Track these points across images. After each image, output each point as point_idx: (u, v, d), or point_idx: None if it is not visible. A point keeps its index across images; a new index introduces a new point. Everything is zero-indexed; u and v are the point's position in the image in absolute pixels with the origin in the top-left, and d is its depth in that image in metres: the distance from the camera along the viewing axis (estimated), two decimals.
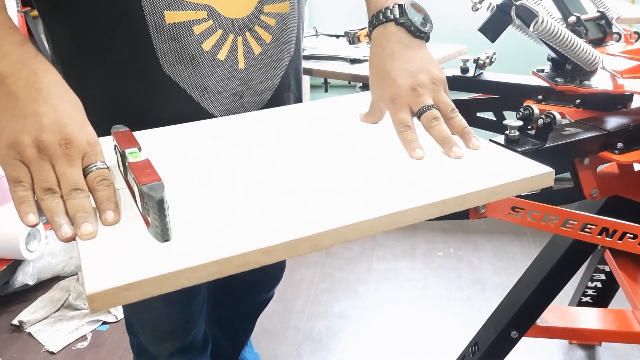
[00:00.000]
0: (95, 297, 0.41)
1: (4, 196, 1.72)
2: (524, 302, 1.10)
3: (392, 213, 0.50)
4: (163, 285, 0.43)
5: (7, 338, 1.69)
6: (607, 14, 1.04)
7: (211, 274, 0.44)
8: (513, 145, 0.79)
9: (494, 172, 0.57)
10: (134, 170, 0.51)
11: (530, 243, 2.10)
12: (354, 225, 0.49)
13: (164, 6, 0.68)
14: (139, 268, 0.43)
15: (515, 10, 0.83)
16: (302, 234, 0.47)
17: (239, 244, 0.45)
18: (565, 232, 0.86)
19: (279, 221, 0.49)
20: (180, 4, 0.69)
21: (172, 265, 0.43)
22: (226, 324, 1.33)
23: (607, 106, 0.96)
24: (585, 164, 0.89)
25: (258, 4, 0.74)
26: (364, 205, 0.51)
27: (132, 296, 0.42)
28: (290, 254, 0.47)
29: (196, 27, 0.70)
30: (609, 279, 1.46)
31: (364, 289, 1.90)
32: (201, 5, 0.70)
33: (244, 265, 0.45)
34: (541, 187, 0.58)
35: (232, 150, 0.65)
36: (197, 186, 0.56)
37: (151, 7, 0.67)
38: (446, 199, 0.53)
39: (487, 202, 0.56)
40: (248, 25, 0.74)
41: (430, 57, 0.70)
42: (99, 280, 0.42)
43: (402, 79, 0.66)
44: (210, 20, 0.71)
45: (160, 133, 0.71)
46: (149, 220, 0.48)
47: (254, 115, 0.77)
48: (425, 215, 0.52)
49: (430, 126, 0.63)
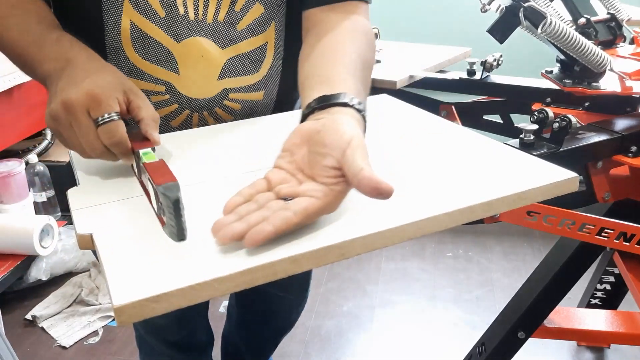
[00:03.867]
0: (123, 309, 0.39)
1: (19, 193, 1.75)
2: (532, 303, 1.10)
3: (419, 220, 0.49)
4: (191, 297, 0.42)
5: (20, 332, 1.71)
6: (617, 16, 1.04)
7: (239, 285, 0.43)
8: (528, 149, 0.78)
9: (519, 178, 0.56)
10: (149, 170, 0.51)
11: (540, 245, 2.09)
12: (382, 233, 0.48)
13: (126, 73, 0.69)
14: (167, 279, 0.42)
15: (524, 12, 0.83)
16: (330, 242, 0.46)
17: (267, 254, 0.44)
18: (582, 237, 0.85)
19: (307, 230, 0.48)
20: (141, 74, 0.70)
21: (200, 276, 0.42)
22: (250, 342, 1.35)
23: (616, 109, 0.96)
24: (598, 167, 0.89)
25: (223, 90, 0.74)
26: (391, 213, 0.50)
27: (160, 308, 0.41)
28: (318, 262, 0.46)
29: (153, 97, 0.72)
30: (618, 281, 1.45)
31: (373, 289, 1.90)
32: (161, 80, 0.71)
33: (272, 275, 0.44)
34: (565, 192, 0.57)
35: (252, 157, 0.64)
36: (220, 195, 0.55)
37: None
38: (473, 205, 0.52)
39: (513, 208, 0.55)
40: (207, 106, 0.74)
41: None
42: (126, 292, 0.40)
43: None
44: (168, 95, 0.72)
45: (169, 139, 0.71)
46: (164, 219, 0.48)
47: (271, 120, 0.77)
48: (452, 222, 0.51)
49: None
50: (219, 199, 0.54)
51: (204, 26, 0.71)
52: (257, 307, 1.25)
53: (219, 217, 0.49)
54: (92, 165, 0.63)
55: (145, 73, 0.70)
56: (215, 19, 0.71)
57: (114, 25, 0.68)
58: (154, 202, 0.51)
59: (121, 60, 0.69)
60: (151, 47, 0.69)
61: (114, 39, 0.68)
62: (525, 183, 0.55)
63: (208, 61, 0.72)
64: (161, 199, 0.47)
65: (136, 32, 0.68)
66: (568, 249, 1.07)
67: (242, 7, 0.71)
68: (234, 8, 0.71)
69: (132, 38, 0.68)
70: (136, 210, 0.53)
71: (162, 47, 0.70)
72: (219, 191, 0.56)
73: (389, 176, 0.58)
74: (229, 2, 0.70)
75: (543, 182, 0.56)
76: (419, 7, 2.22)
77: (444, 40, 1.29)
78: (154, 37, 0.69)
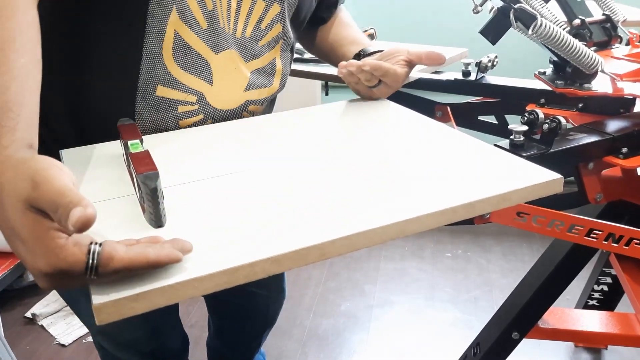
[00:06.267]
0: (102, 308, 0.40)
1: None
2: (526, 303, 1.10)
3: (400, 221, 0.50)
4: (171, 296, 0.42)
5: (20, 330, 1.73)
6: (612, 17, 1.03)
7: (219, 284, 0.43)
8: (518, 150, 0.78)
9: (503, 179, 0.56)
10: (133, 160, 0.53)
11: (539, 246, 2.09)
12: (363, 234, 0.48)
13: (160, 80, 0.69)
14: (147, 278, 0.42)
15: (514, 13, 0.83)
16: (310, 243, 0.46)
17: (247, 254, 0.45)
18: (571, 238, 0.85)
19: (287, 230, 0.49)
20: (175, 83, 0.71)
21: (180, 276, 0.42)
22: (232, 345, 1.35)
23: (610, 110, 0.96)
24: (590, 168, 0.88)
25: (246, 102, 0.78)
26: (372, 214, 0.50)
27: (139, 307, 0.41)
28: (298, 263, 0.46)
29: (181, 106, 0.72)
30: (616, 283, 1.45)
31: (371, 289, 1.90)
32: (194, 90, 0.72)
33: (252, 275, 0.45)
34: (550, 193, 0.57)
35: (239, 157, 0.65)
36: (203, 195, 0.56)
37: (148, 76, 0.69)
38: (455, 207, 0.52)
39: (497, 209, 0.55)
40: (229, 117, 0.77)
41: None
42: (106, 291, 0.41)
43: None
44: (197, 105, 0.73)
45: (162, 139, 0.71)
46: (144, 207, 0.50)
47: (260, 121, 0.78)
48: (434, 223, 0.52)
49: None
50: (204, 199, 0.55)
51: (234, 40, 0.73)
52: (232, 314, 1.26)
53: (203, 217, 0.50)
54: (80, 165, 0.63)
55: (179, 82, 0.71)
56: (243, 34, 0.74)
57: (157, 33, 0.67)
58: (137, 191, 0.53)
59: (157, 68, 0.69)
60: (191, 57, 0.70)
61: (155, 46, 0.67)
62: (510, 184, 0.55)
63: (239, 73, 0.75)
64: (141, 187, 0.49)
65: (179, 42, 0.68)
66: (562, 250, 1.08)
67: (267, 25, 0.76)
68: (260, 26, 0.75)
69: (174, 48, 0.68)
70: (123, 210, 0.53)
71: (201, 58, 0.71)
72: (205, 192, 0.57)
73: (374, 177, 0.58)
74: (256, 19, 0.74)
75: (527, 183, 0.56)
76: (415, 8, 2.22)
77: (440, 41, 1.29)
78: (194, 48, 0.70)
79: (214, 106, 0.75)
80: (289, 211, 0.52)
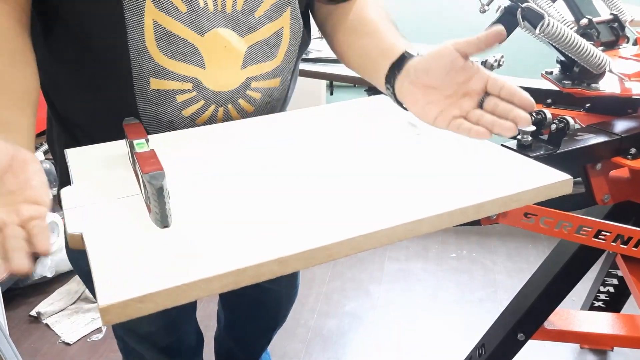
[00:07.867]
0: (109, 309, 0.40)
1: None
2: (531, 305, 1.10)
3: (409, 222, 0.49)
4: (177, 297, 0.42)
5: (25, 328, 1.73)
6: (620, 17, 1.03)
7: (226, 285, 0.43)
8: (526, 150, 0.78)
9: (513, 180, 0.56)
10: (138, 160, 0.53)
11: (545, 247, 2.08)
12: (370, 235, 0.48)
13: (150, 73, 0.69)
14: (153, 279, 0.42)
15: (522, 13, 0.83)
16: (317, 244, 0.46)
17: (253, 255, 0.45)
18: (579, 239, 0.84)
19: (294, 231, 0.48)
20: (167, 74, 0.70)
21: (186, 277, 0.42)
22: (241, 341, 1.35)
23: (617, 110, 0.96)
24: (597, 169, 0.88)
25: (246, 79, 0.75)
26: (380, 215, 0.50)
27: (145, 308, 0.41)
28: (305, 264, 0.46)
29: (179, 96, 0.71)
30: (622, 284, 1.44)
31: (376, 289, 1.90)
32: (188, 77, 0.71)
33: (258, 276, 0.44)
34: (559, 194, 0.56)
35: (245, 157, 0.65)
36: (209, 195, 0.56)
37: (139, 71, 0.68)
38: (464, 207, 0.52)
39: (505, 210, 0.55)
40: (232, 97, 0.75)
41: None
42: (112, 292, 0.40)
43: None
44: (195, 91, 0.72)
45: (167, 138, 0.71)
46: (150, 207, 0.49)
47: (266, 120, 0.77)
48: (443, 224, 0.51)
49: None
50: (210, 199, 0.55)
51: (223, 17, 0.71)
52: (244, 309, 1.25)
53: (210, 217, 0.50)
54: (86, 165, 0.63)
55: (171, 72, 0.70)
56: (234, 8, 0.71)
57: (136, 26, 0.67)
58: (143, 191, 0.52)
59: (146, 61, 0.68)
60: (176, 44, 0.69)
61: (137, 40, 0.67)
62: (519, 185, 0.55)
63: (231, 51, 0.72)
64: (147, 186, 0.48)
65: (160, 31, 0.68)
66: (568, 251, 1.07)
67: None
68: None
69: (156, 38, 0.68)
70: (128, 210, 0.53)
71: (187, 42, 0.69)
72: (212, 192, 0.57)
73: (382, 177, 0.58)
74: None
75: (536, 184, 0.55)
76: (421, 8, 2.21)
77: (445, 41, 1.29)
78: (178, 34, 0.69)
79: (212, 89, 0.73)
80: (296, 212, 0.52)
